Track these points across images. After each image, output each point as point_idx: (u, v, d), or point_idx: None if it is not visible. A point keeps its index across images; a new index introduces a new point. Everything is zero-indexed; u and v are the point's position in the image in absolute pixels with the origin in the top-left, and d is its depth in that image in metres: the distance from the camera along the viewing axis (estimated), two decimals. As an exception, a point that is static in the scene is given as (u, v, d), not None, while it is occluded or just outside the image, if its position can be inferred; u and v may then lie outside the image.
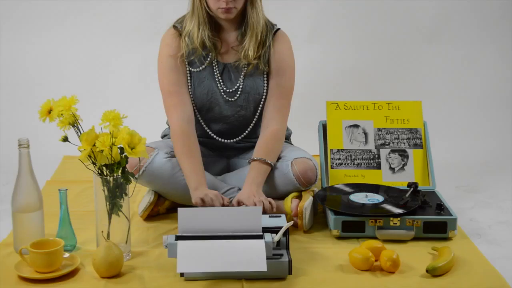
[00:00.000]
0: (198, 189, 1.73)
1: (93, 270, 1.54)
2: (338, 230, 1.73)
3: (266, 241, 1.49)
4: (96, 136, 1.55)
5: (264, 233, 1.52)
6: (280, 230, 1.54)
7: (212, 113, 1.89)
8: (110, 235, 1.59)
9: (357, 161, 2.00)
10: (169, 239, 1.50)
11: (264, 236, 1.51)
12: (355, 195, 1.84)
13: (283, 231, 1.52)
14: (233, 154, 1.99)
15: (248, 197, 1.71)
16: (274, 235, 1.52)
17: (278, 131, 1.85)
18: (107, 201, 1.57)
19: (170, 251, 1.48)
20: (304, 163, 1.82)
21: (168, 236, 1.51)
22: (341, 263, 1.60)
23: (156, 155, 1.82)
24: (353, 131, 2.03)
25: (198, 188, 1.73)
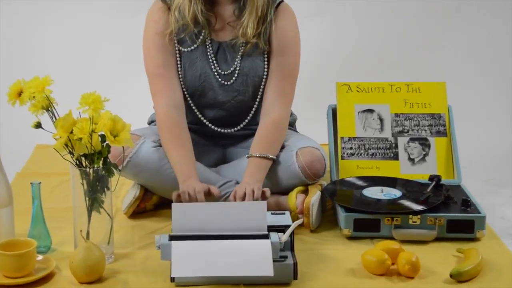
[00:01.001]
0: (187, 182, 1.73)
1: (70, 275, 1.54)
2: (349, 229, 1.73)
3: (272, 242, 1.49)
4: (73, 122, 1.54)
5: (270, 232, 1.52)
6: (287, 229, 1.54)
7: (206, 98, 1.90)
8: (90, 235, 1.59)
9: (372, 151, 2.00)
10: (162, 239, 1.50)
11: (270, 236, 1.51)
12: (369, 189, 1.84)
13: (291, 230, 1.52)
14: (230, 142, 1.99)
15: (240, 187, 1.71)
16: (281, 235, 1.52)
17: (281, 118, 1.85)
18: (86, 196, 1.58)
19: (163, 252, 1.48)
20: (310, 153, 1.83)
21: (161, 236, 1.51)
22: (353, 266, 1.61)
23: (142, 143, 1.82)
24: (367, 117, 2.03)
25: (186, 181, 1.73)
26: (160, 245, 1.49)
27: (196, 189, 1.69)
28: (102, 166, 1.57)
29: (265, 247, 1.47)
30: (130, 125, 1.56)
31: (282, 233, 1.53)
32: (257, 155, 1.79)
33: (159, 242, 1.49)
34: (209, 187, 1.72)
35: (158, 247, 1.49)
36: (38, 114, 1.56)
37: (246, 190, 1.70)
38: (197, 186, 1.71)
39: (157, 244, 1.50)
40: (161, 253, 1.48)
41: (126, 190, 2.01)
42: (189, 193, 1.69)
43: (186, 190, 1.69)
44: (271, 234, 1.52)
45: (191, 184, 1.71)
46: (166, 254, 1.48)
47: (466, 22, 2.73)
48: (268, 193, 1.71)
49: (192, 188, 1.70)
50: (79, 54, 2.77)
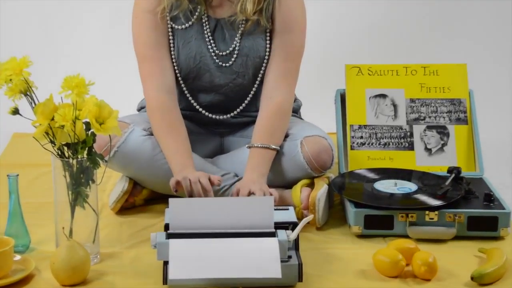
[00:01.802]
0: (183, 172, 1.73)
1: (51, 277, 1.54)
2: (359, 227, 1.73)
3: (280, 240, 1.49)
4: (54, 107, 1.54)
5: (277, 230, 1.52)
6: (296, 227, 1.53)
7: (201, 81, 1.90)
8: (73, 233, 1.59)
9: (384, 140, 2.00)
10: (158, 238, 1.50)
11: (277, 234, 1.51)
12: (381, 182, 1.84)
13: (301, 228, 1.52)
14: (227, 131, 1.99)
15: (243, 185, 1.72)
16: (289, 232, 1.52)
17: (284, 103, 1.85)
18: (69, 189, 1.58)
19: (160, 252, 1.48)
20: (317, 142, 1.83)
21: (157, 234, 1.51)
22: (363, 267, 1.61)
23: (131, 132, 1.82)
24: (379, 103, 2.03)
25: (182, 171, 1.73)
26: (156, 244, 1.48)
27: (198, 175, 1.69)
28: (87, 157, 1.57)
29: (272, 246, 1.47)
30: (117, 111, 1.55)
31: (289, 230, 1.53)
32: (259, 145, 1.79)
33: (155, 241, 1.49)
34: (209, 175, 1.71)
35: (154, 246, 1.49)
36: (15, 99, 1.56)
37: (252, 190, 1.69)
38: (197, 172, 1.71)
39: (152, 243, 1.49)
40: (158, 253, 1.48)
41: (113, 183, 2.01)
42: (190, 179, 1.68)
43: (187, 176, 1.68)
44: (279, 231, 1.52)
45: (190, 173, 1.71)
46: (163, 253, 1.48)
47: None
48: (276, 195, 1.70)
49: (193, 175, 1.69)
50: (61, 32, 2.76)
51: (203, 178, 1.69)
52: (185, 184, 1.68)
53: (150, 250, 1.65)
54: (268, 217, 1.53)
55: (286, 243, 1.49)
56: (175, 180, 1.70)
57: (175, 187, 1.69)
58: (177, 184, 1.70)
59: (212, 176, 1.72)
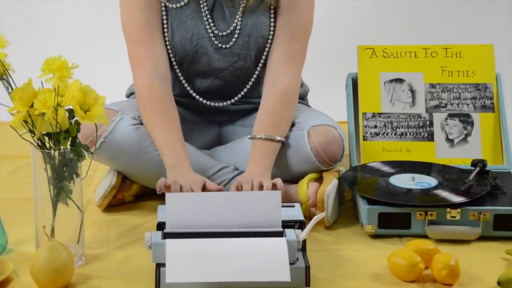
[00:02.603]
0: (177, 167, 1.73)
1: (31, 281, 1.54)
2: (373, 226, 1.73)
3: (289, 240, 1.49)
4: (34, 93, 1.54)
5: (285, 229, 1.52)
6: (303, 226, 1.54)
7: (198, 65, 1.90)
8: (56, 232, 1.59)
9: (401, 129, 2.00)
10: (153, 237, 1.49)
11: (286, 233, 1.51)
12: (398, 177, 1.84)
13: (311, 226, 1.52)
14: (227, 119, 2.00)
15: (246, 179, 1.72)
16: (299, 232, 1.52)
17: (290, 88, 1.85)
18: (50, 184, 1.57)
19: (155, 253, 1.48)
20: (326, 132, 1.84)
21: (152, 233, 1.51)
22: (377, 271, 1.61)
23: (119, 120, 1.83)
24: (396, 88, 2.02)
25: (176, 167, 1.73)
26: (151, 244, 1.48)
27: (191, 182, 1.69)
28: (70, 148, 1.57)
29: (280, 247, 1.47)
30: (104, 97, 1.55)
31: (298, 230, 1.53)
32: (262, 136, 1.79)
33: (150, 241, 1.49)
34: (205, 180, 1.71)
35: (149, 246, 1.49)
36: (-10, 84, 1.57)
37: (253, 183, 1.70)
38: (191, 177, 1.70)
39: (147, 243, 1.49)
40: (153, 254, 1.48)
41: (99, 178, 2.02)
42: (182, 185, 1.68)
43: (178, 181, 1.68)
44: (287, 231, 1.52)
45: (183, 174, 1.71)
46: (159, 255, 1.47)
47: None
48: (280, 185, 1.71)
49: (186, 180, 1.69)
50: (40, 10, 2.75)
51: (197, 187, 1.68)
52: (175, 189, 1.68)
53: (140, 251, 1.66)
54: (275, 214, 1.53)
55: (295, 243, 1.50)
56: (164, 182, 1.69)
57: (161, 189, 1.69)
58: (166, 188, 1.69)
59: (209, 183, 1.71)
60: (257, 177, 1.71)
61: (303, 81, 2.01)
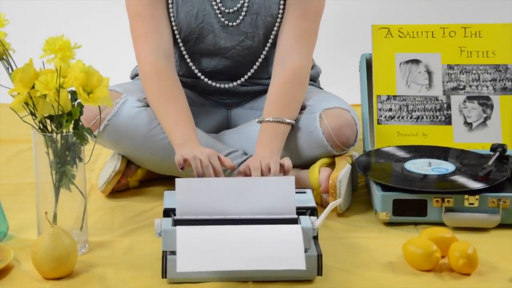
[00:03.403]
0: (186, 144, 1.72)
1: (32, 269, 1.54)
2: (387, 213, 1.73)
3: (304, 227, 1.49)
4: (35, 74, 1.54)
5: (300, 216, 1.52)
6: (315, 213, 1.53)
7: (204, 44, 1.89)
8: (58, 219, 1.59)
9: (417, 113, 1.99)
10: (163, 224, 1.49)
11: (300, 220, 1.51)
12: (413, 162, 1.84)
13: (327, 213, 1.52)
14: (235, 101, 1.99)
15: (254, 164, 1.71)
16: (314, 218, 1.52)
17: (300, 70, 1.85)
18: (53, 169, 1.57)
19: (165, 241, 1.48)
20: (338, 116, 1.83)
21: (162, 220, 1.51)
22: (391, 259, 1.61)
23: (124, 102, 1.83)
24: (412, 69, 2.02)
25: (185, 144, 1.73)
26: (161, 231, 1.48)
27: (208, 154, 1.68)
28: (73, 131, 1.57)
29: (295, 234, 1.47)
30: (108, 79, 1.55)
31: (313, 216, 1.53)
32: (270, 119, 1.79)
33: (160, 228, 1.49)
34: (219, 154, 1.71)
35: (158, 234, 1.49)
36: (-10, 64, 1.57)
37: (262, 166, 1.69)
38: (206, 150, 1.69)
39: (157, 230, 1.49)
40: (163, 242, 1.48)
41: (103, 162, 2.02)
42: (201, 160, 1.67)
43: (197, 156, 1.67)
44: (302, 218, 1.52)
45: (196, 148, 1.70)
46: (169, 242, 1.48)
47: None
48: (288, 165, 1.70)
49: (202, 153, 1.68)
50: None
51: (214, 159, 1.68)
52: (195, 165, 1.67)
53: (146, 238, 1.67)
54: (289, 200, 1.53)
55: (311, 230, 1.49)
56: (183, 157, 1.68)
57: (182, 165, 1.68)
58: (184, 162, 1.68)
59: (223, 157, 1.71)
60: (265, 160, 1.71)
61: (315, 62, 2.00)
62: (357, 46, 2.18)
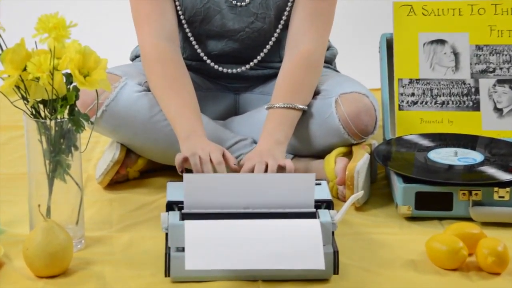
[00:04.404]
0: (191, 138, 1.72)
1: (24, 266, 1.55)
2: (409, 207, 1.74)
3: (323, 222, 1.49)
4: (27, 55, 1.54)
5: (318, 210, 1.52)
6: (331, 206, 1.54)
7: (210, 25, 1.90)
8: (52, 212, 1.60)
9: (442, 98, 1.99)
10: (170, 219, 1.50)
11: (319, 214, 1.51)
12: (438, 151, 1.84)
13: (347, 207, 1.53)
14: (244, 86, 1.99)
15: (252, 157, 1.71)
16: (334, 212, 1.52)
17: (314, 52, 1.85)
18: (46, 158, 1.58)
19: (173, 237, 1.48)
20: (356, 101, 1.83)
21: (168, 214, 1.51)
22: (414, 257, 1.61)
23: (123, 86, 1.83)
24: (436, 50, 2.02)
25: (190, 137, 1.73)
26: (168, 226, 1.49)
27: (209, 150, 1.68)
28: (68, 117, 1.57)
29: (313, 230, 1.47)
30: (106, 60, 1.55)
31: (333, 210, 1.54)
32: (280, 105, 1.79)
33: (167, 223, 1.49)
34: (223, 149, 1.71)
35: (165, 229, 1.49)
36: (-23, 44, 1.57)
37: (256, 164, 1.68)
38: (208, 145, 1.70)
39: (163, 225, 1.49)
40: (170, 238, 1.48)
41: (101, 151, 2.02)
42: (200, 156, 1.68)
43: (196, 152, 1.68)
44: (320, 212, 1.52)
45: (199, 143, 1.70)
46: (176, 238, 1.48)
47: None
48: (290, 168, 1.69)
49: (203, 149, 1.68)
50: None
51: (216, 154, 1.68)
52: (194, 162, 1.67)
53: (147, 234, 1.68)
54: (308, 193, 1.53)
55: (330, 226, 1.49)
56: (183, 157, 1.69)
57: (182, 167, 1.69)
58: (184, 162, 1.69)
59: (228, 155, 1.71)
60: (263, 156, 1.70)
61: (331, 43, 2.00)
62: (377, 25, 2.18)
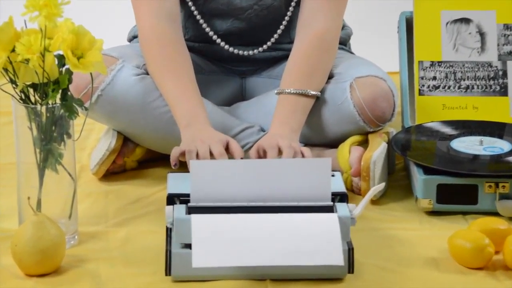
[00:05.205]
0: (192, 126, 1.73)
1: (13, 263, 1.55)
2: (430, 200, 1.74)
3: (341, 216, 1.50)
4: (16, 35, 1.54)
5: (336, 203, 1.53)
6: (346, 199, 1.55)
7: (215, 3, 1.91)
8: (43, 205, 1.60)
9: (467, 82, 2.00)
10: (176, 212, 1.50)
11: (336, 207, 1.52)
12: (462, 140, 1.85)
13: (367, 200, 1.53)
14: (251, 69, 2.00)
15: (270, 142, 1.71)
16: (352, 206, 1.53)
17: (327, 32, 1.86)
18: (36, 147, 1.58)
19: (179, 232, 1.49)
20: (372, 85, 1.84)
21: (174, 207, 1.52)
22: (435, 255, 1.61)
23: (120, 69, 1.84)
24: (460, 30, 2.02)
25: (191, 125, 1.73)
26: (174, 220, 1.49)
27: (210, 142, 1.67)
28: (60, 103, 1.57)
29: (331, 224, 1.48)
30: (102, 41, 1.55)
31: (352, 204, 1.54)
32: (291, 91, 1.79)
33: (172, 216, 1.50)
34: (228, 140, 1.71)
35: (170, 224, 1.50)
36: (-38, 23, 1.57)
37: (282, 147, 1.68)
38: (210, 136, 1.69)
39: (168, 219, 1.50)
40: (175, 233, 1.49)
41: (96, 139, 2.03)
42: (199, 152, 1.66)
43: (194, 148, 1.66)
44: (338, 205, 1.52)
45: (200, 132, 1.70)
46: (182, 234, 1.48)
47: None
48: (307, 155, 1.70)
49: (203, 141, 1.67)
50: None
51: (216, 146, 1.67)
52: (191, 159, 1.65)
53: (145, 229, 1.68)
54: (324, 186, 1.53)
55: (349, 220, 1.50)
56: (180, 151, 1.68)
57: (176, 161, 1.68)
58: (182, 156, 1.68)
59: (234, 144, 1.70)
60: (284, 140, 1.71)
61: (345, 22, 2.00)
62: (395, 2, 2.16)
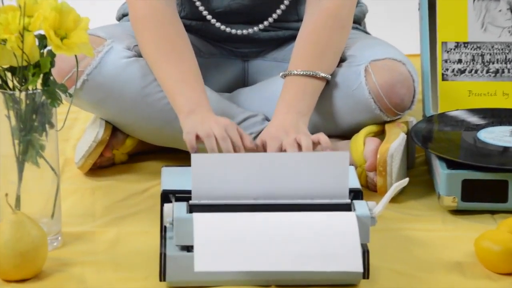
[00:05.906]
0: (195, 112, 1.72)
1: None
2: (454, 198, 1.74)
3: (360, 216, 1.51)
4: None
5: (354, 201, 1.53)
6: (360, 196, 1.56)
7: (214, -21, 1.94)
8: (22, 203, 1.61)
9: (496, 65, 2.00)
10: (176, 211, 1.51)
11: (354, 205, 1.53)
12: (490, 131, 1.85)
13: (389, 197, 1.54)
14: (254, 51, 2.00)
15: (275, 133, 1.72)
16: (372, 204, 1.53)
17: (340, 8, 1.87)
18: (15, 138, 1.59)
19: (179, 233, 1.50)
20: (390, 69, 1.85)
21: (174, 205, 1.52)
22: (460, 259, 1.61)
23: (108, 51, 1.85)
24: (489, 7, 2.02)
25: (194, 112, 1.72)
26: (173, 220, 1.49)
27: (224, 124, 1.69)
28: (42, 89, 1.57)
29: (348, 225, 1.48)
30: (88, 19, 1.56)
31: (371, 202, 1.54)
32: (299, 72, 1.79)
33: (171, 215, 1.51)
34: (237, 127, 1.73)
35: (169, 223, 1.51)
36: None
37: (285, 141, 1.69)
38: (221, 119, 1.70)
39: (167, 218, 1.51)
40: (176, 234, 1.50)
41: (81, 129, 2.03)
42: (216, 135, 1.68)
43: (211, 131, 1.68)
44: (356, 203, 1.53)
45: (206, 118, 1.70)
46: (184, 234, 1.49)
47: None
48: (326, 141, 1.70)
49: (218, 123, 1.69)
50: None
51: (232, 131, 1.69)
52: (210, 145, 1.68)
53: (136, 229, 1.69)
54: (341, 181, 1.53)
55: (369, 220, 1.51)
56: (194, 134, 1.69)
57: (195, 147, 1.69)
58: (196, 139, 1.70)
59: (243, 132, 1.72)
60: (290, 132, 1.71)
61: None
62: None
